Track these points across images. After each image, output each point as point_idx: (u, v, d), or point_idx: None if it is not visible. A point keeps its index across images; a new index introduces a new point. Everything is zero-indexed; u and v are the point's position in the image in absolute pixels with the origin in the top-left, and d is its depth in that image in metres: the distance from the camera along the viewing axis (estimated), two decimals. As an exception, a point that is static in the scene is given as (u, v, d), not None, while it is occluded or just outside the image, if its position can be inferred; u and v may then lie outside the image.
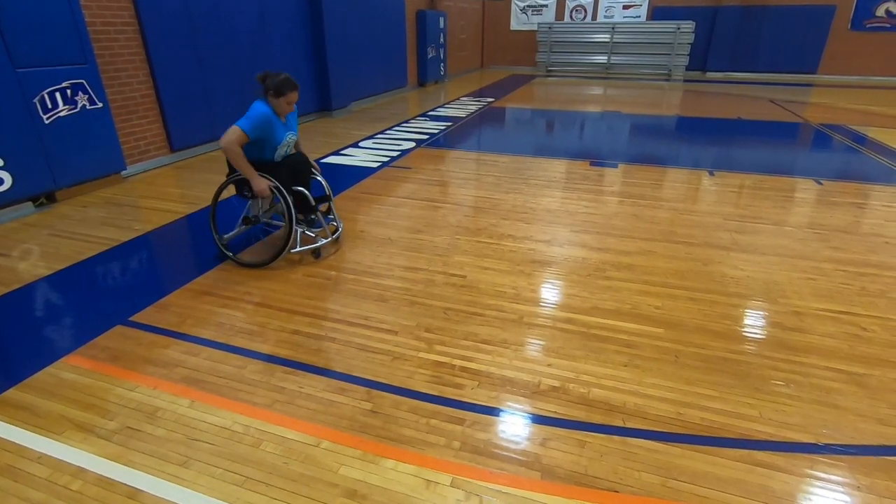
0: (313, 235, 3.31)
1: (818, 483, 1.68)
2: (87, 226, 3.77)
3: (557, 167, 5.51)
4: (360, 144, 6.35)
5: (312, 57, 7.55)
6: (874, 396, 2.07)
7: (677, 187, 4.90)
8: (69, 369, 2.21)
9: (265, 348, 2.36)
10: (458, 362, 2.27)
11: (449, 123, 7.87)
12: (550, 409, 2.00)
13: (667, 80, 14.08)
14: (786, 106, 9.77)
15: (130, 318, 2.60)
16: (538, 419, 1.95)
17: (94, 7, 4.45)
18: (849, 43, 13.52)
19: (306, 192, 3.18)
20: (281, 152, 3.17)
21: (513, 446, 1.81)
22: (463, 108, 9.29)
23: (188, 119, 5.49)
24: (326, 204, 3.43)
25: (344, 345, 2.39)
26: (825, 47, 13.69)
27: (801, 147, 6.98)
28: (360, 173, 5.15)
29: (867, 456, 1.78)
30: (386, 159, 5.68)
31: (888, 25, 13.13)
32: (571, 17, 15.58)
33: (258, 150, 3.06)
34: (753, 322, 2.62)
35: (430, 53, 11.78)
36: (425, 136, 6.89)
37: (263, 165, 3.06)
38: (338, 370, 2.21)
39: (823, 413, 1.98)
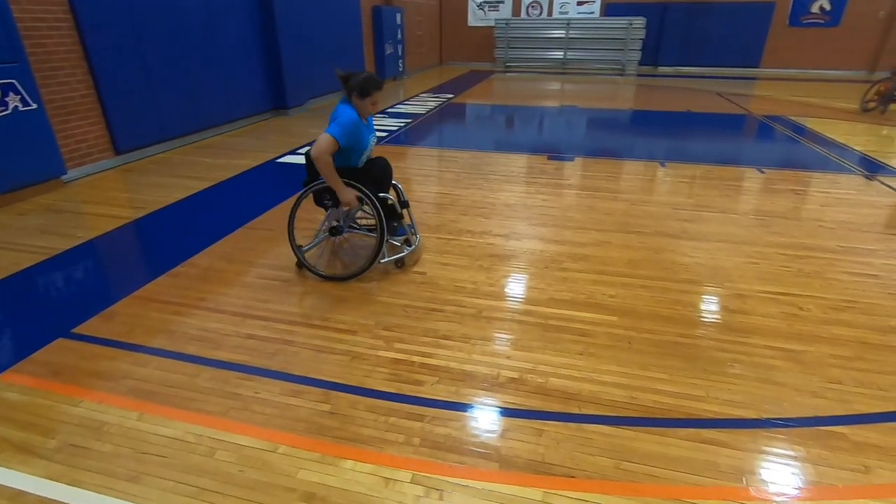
0: (399, 244, 3.18)
1: (760, 456, 1.77)
2: (25, 235, 3.56)
3: (516, 162, 5.58)
4: (318, 143, 6.23)
5: (265, 54, 7.35)
6: (809, 371, 2.20)
7: (631, 179, 5.05)
8: (6, 387, 2.09)
9: (219, 355, 2.30)
10: (417, 359, 2.27)
11: (408, 120, 7.83)
12: (509, 400, 2.03)
13: (621, 74, 14.46)
14: (731, 98, 10.20)
15: (73, 331, 2.47)
16: (497, 411, 1.98)
17: (22, 2, 4.18)
18: (787, 38, 14.24)
19: (393, 199, 3.03)
20: (364, 157, 2.96)
21: (472, 439, 1.83)
22: (422, 105, 9.27)
23: (133, 120, 5.25)
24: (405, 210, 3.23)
25: (301, 347, 2.35)
26: (766, 42, 14.37)
27: (745, 138, 7.32)
28: (317, 172, 5.06)
29: (803, 427, 1.89)
30: (344, 157, 5.60)
31: (822, 21, 13.90)
32: (528, 13, 15.76)
33: (344, 158, 2.82)
34: (701, 306, 2.74)
35: (388, 50, 11.68)
36: (384, 134, 6.83)
37: (347, 172, 2.82)
38: (295, 373, 2.17)
39: (764, 390, 2.09)
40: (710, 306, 2.74)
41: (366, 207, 2.92)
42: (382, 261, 2.97)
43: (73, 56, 4.63)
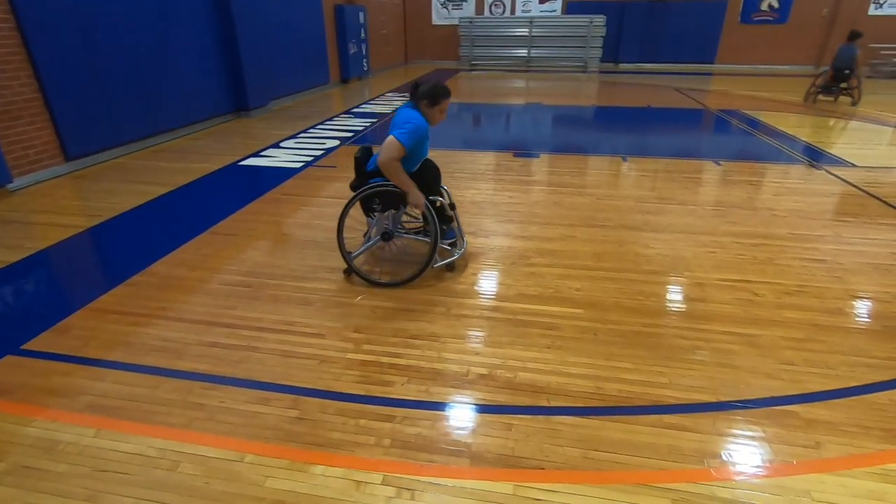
0: (448, 247, 3.10)
1: (720, 438, 1.83)
2: (-33, 247, 3.36)
3: (482, 159, 5.61)
4: (282, 145, 6.12)
5: (224, 54, 7.16)
6: (764, 354, 2.30)
7: (595, 174, 5.15)
8: (-52, 410, 1.97)
9: (181, 365, 2.23)
10: (386, 359, 2.26)
11: (374, 120, 7.77)
12: (479, 396, 2.04)
13: (583, 71, 14.73)
14: (689, 94, 10.54)
15: (23, 347, 2.35)
16: (467, 408, 1.99)
17: (-44, 1, 3.95)
18: (740, 35, 14.80)
19: (444, 201, 2.96)
20: (419, 163, 2.91)
21: (443, 437, 1.84)
22: (388, 104, 9.21)
23: (84, 123, 5.03)
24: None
25: (267, 353, 2.30)
26: (720, 39, 14.90)
27: (703, 132, 7.57)
28: (281, 174, 4.97)
29: (759, 408, 1.97)
30: (309, 159, 5.52)
31: (771, 18, 14.50)
32: (491, 11, 15.86)
33: (402, 162, 2.74)
34: (663, 296, 2.82)
35: (352, 49, 11.55)
36: (350, 134, 6.76)
37: None
38: (261, 380, 2.13)
39: (723, 374, 2.17)
40: (671, 295, 2.83)
41: (414, 211, 2.87)
42: (435, 265, 2.92)
43: (15, 58, 4.40)
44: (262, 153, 5.74)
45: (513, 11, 15.72)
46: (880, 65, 13.52)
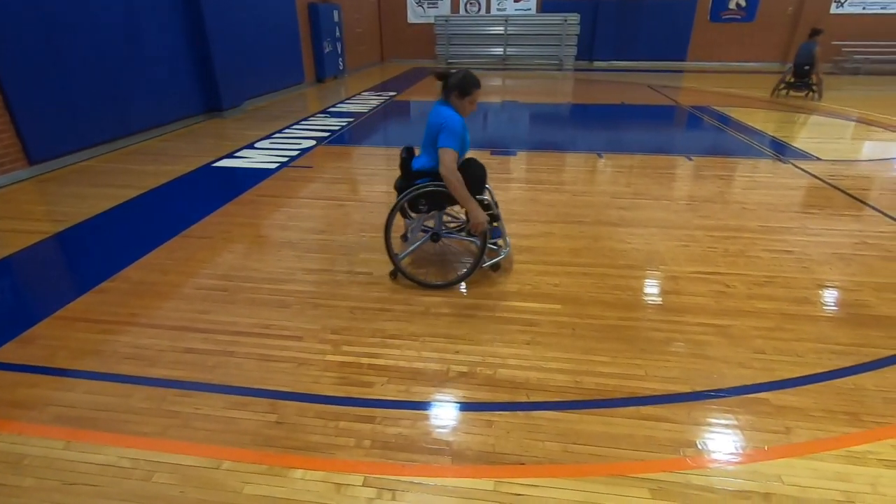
0: (496, 247, 3.04)
1: (695, 427, 1.88)
2: (-77, 257, 3.22)
3: (460, 158, 5.61)
4: (256, 145, 6.02)
5: (195, 53, 7.00)
6: (736, 344, 2.36)
7: (571, 171, 5.21)
8: None
9: (154, 372, 2.17)
10: (366, 360, 2.24)
11: (350, 119, 7.71)
12: (459, 394, 2.05)
13: (559, 69, 14.87)
14: (661, 91, 10.74)
15: (-15, 358, 2.27)
16: (448, 406, 1.99)
17: None
18: (710, 33, 15.14)
19: (490, 201, 2.90)
20: (462, 159, 2.80)
21: (424, 436, 1.83)
22: (364, 103, 9.15)
23: (48, 126, 4.86)
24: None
25: (244, 358, 2.26)
26: (691, 37, 15.22)
27: (675, 128, 7.72)
28: (256, 175, 4.89)
29: (731, 396, 2.02)
30: (285, 159, 5.44)
31: (739, 17, 14.87)
32: (466, 9, 15.88)
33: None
34: (639, 290, 2.87)
35: (327, 48, 11.43)
36: (326, 134, 6.69)
37: (438, 174, 2.68)
38: (238, 385, 2.09)
39: (697, 364, 2.22)
40: (646, 289, 2.88)
41: (456, 208, 2.82)
42: (485, 265, 2.88)
43: (-29, 58, 4.22)
44: (237, 154, 5.64)
45: (488, 10, 15.77)
46: (842, 61, 14.00)
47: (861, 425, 1.88)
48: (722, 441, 1.82)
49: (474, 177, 2.82)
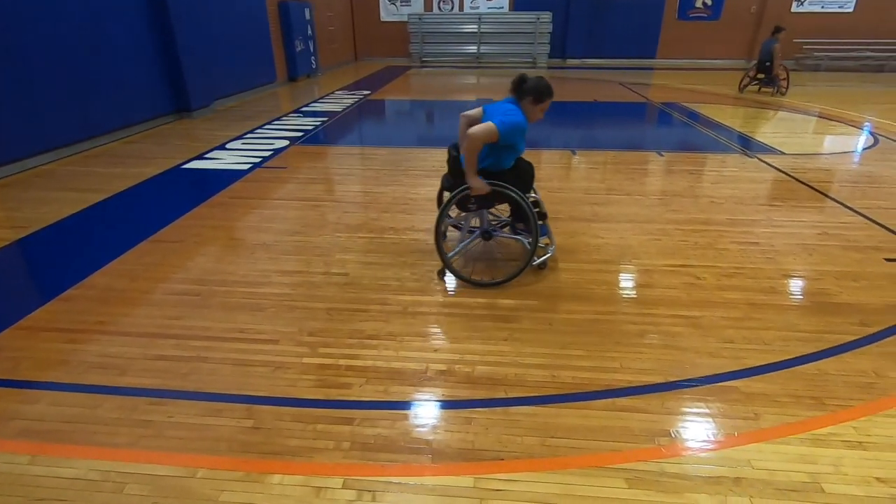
0: (543, 245, 3.00)
1: (668, 416, 1.92)
2: None
3: (436, 156, 5.61)
4: (228, 146, 5.90)
5: (161, 52, 6.81)
6: (707, 334, 2.42)
7: (546, 167, 5.26)
8: None
9: (124, 381, 2.11)
10: (344, 362, 2.23)
11: (324, 119, 7.62)
12: (438, 393, 2.05)
13: (532, 67, 14.99)
14: (632, 88, 10.93)
15: (-57, 373, 2.17)
16: (427, 405, 1.99)
17: None
18: (678, 30, 15.48)
19: (540, 199, 2.89)
20: (514, 160, 2.82)
21: (403, 436, 1.83)
22: (338, 102, 9.05)
23: (6, 128, 4.66)
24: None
25: (218, 363, 2.22)
26: (660, 35, 15.53)
27: (646, 124, 7.88)
28: (228, 177, 4.79)
29: (703, 385, 2.08)
30: (257, 160, 5.34)
31: (705, 15, 15.25)
32: (439, 7, 15.86)
33: (497, 158, 2.69)
34: (613, 284, 2.92)
35: (299, 46, 11.26)
36: (299, 133, 6.60)
37: (496, 174, 2.71)
38: (213, 391, 2.05)
39: (670, 355, 2.28)
40: (620, 283, 2.94)
41: (500, 207, 2.85)
42: (535, 262, 2.90)
43: (-80, 58, 4.02)
44: (207, 155, 5.51)
45: (461, 8, 15.78)
46: (803, 58, 14.51)
47: (824, 409, 1.95)
48: (694, 429, 1.87)
49: (525, 175, 2.89)
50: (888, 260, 3.17)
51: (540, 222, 2.83)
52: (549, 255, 3.05)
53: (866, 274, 2.99)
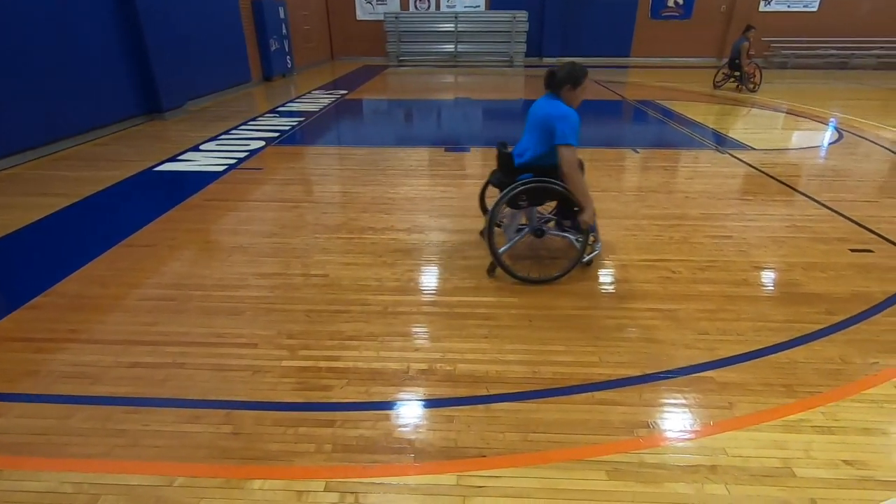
0: (590, 243, 2.97)
1: (646, 408, 1.96)
2: None
3: (414, 155, 5.61)
4: (201, 147, 5.79)
5: (130, 52, 6.63)
6: (682, 327, 2.48)
7: (524, 165, 5.29)
8: None
9: (97, 390, 2.06)
10: (324, 364, 2.21)
11: (301, 119, 7.54)
12: (420, 392, 2.05)
13: (509, 66, 15.08)
14: (608, 86, 11.08)
15: None
16: (409, 404, 1.99)
17: None
18: (651, 30, 15.75)
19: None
20: None
21: (385, 436, 1.83)
22: (315, 102, 8.96)
23: (-34, 132, 4.49)
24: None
25: (195, 369, 2.18)
26: (634, 33, 15.78)
27: (622, 122, 8.00)
28: (202, 179, 4.69)
29: (679, 377, 2.13)
30: (233, 161, 5.25)
31: (677, 14, 15.55)
32: (416, 6, 15.82)
33: (549, 153, 2.65)
34: (591, 279, 2.96)
35: (273, 46, 11.11)
36: (276, 134, 6.51)
37: (550, 170, 2.68)
38: (190, 397, 2.01)
39: (647, 348, 2.32)
40: (598, 278, 2.98)
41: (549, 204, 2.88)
42: (585, 259, 2.92)
43: None
44: (180, 157, 5.40)
45: (437, 7, 15.76)
46: (771, 56, 14.91)
47: (794, 396, 2.02)
48: (671, 419, 1.91)
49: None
50: (853, 250, 3.28)
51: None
52: (596, 252, 3.07)
53: (832, 264, 3.10)
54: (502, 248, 2.92)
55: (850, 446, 1.78)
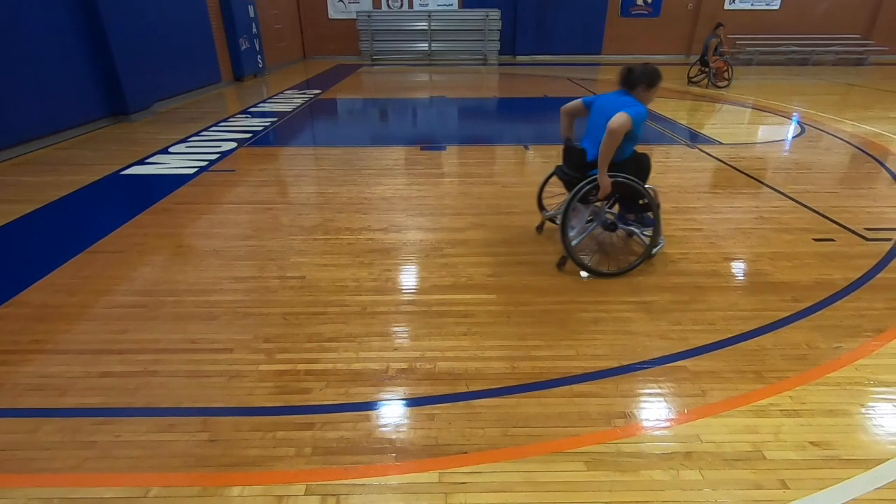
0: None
1: (622, 399, 2.00)
2: None
3: (389, 155, 5.58)
4: (171, 150, 5.65)
5: (92, 52, 6.41)
6: (657, 318, 2.53)
7: (500, 163, 5.33)
8: None
9: (66, 402, 1.99)
10: (302, 366, 2.18)
11: (274, 119, 7.42)
12: (400, 391, 2.05)
13: (483, 64, 15.14)
14: (581, 83, 11.23)
15: None
16: (389, 404, 1.98)
17: None
18: (621, 27, 16.02)
19: (656, 190, 2.95)
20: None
21: (366, 437, 1.82)
22: (288, 102, 8.83)
23: (-83, 137, 4.28)
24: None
25: (169, 376, 2.13)
26: (605, 31, 16.02)
27: (595, 118, 8.10)
28: (173, 182, 4.58)
29: (654, 367, 2.17)
30: (204, 163, 5.14)
31: (646, 12, 15.85)
32: (388, 5, 15.74)
33: (618, 148, 2.72)
34: (567, 273, 2.99)
35: (244, 45, 10.90)
36: (248, 135, 6.40)
37: (615, 164, 2.77)
38: (164, 406, 1.97)
39: (623, 340, 2.36)
40: (574, 273, 3.02)
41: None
42: (654, 251, 2.98)
43: None
44: (149, 160, 5.25)
45: (410, 5, 15.71)
46: (737, 53, 15.33)
47: (764, 381, 2.08)
48: (647, 409, 1.95)
49: (644, 165, 3.03)
50: (816, 240, 3.41)
51: (650, 214, 2.99)
52: (661, 245, 3.13)
53: (797, 254, 3.21)
54: (574, 242, 2.96)
55: (817, 428, 1.85)
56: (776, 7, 15.65)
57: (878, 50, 15.25)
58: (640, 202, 2.95)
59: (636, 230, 3.14)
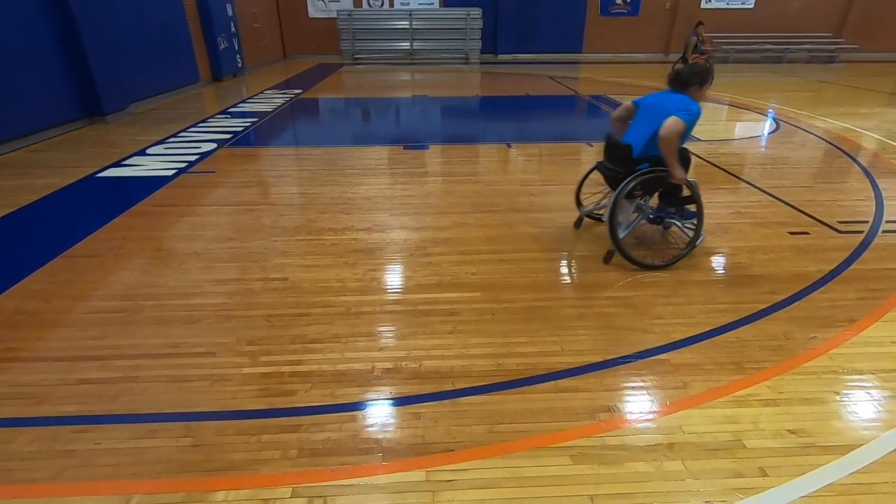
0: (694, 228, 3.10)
1: (607, 393, 2.02)
2: None
3: (372, 154, 5.56)
4: (148, 151, 5.54)
5: (65, 52, 6.25)
6: (640, 313, 2.57)
7: (483, 161, 5.35)
8: None
9: (43, 410, 1.94)
10: (287, 368, 2.16)
11: (254, 119, 7.33)
12: (386, 391, 2.04)
13: (465, 63, 15.16)
14: (562, 81, 11.32)
15: None
16: (375, 404, 1.98)
17: None
18: (601, 26, 16.18)
19: (697, 184, 3.01)
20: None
21: (352, 438, 1.81)
22: (268, 102, 8.73)
23: None
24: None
25: (150, 382, 2.09)
26: (585, 30, 16.17)
27: (577, 116, 8.19)
28: (151, 184, 4.49)
29: (637, 361, 2.21)
30: (183, 165, 5.05)
31: (625, 11, 16.04)
32: (369, 3, 15.65)
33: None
34: (551, 271, 3.02)
35: (222, 44, 10.74)
36: (228, 136, 6.31)
37: (659, 159, 2.84)
38: (145, 412, 1.93)
39: (607, 335, 2.39)
40: (557, 270, 3.05)
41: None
42: (697, 242, 3.07)
43: None
44: (125, 162, 5.15)
45: (391, 4, 15.65)
46: (713, 51, 15.59)
47: (743, 372, 2.13)
48: (631, 402, 1.98)
49: (685, 161, 3.06)
50: (791, 233, 3.49)
51: (691, 207, 3.09)
52: (702, 237, 3.17)
53: (774, 247, 3.28)
54: (621, 235, 2.98)
55: (794, 416, 1.90)
56: (751, 6, 15.97)
57: (849, 48, 15.67)
58: (682, 195, 3.06)
59: (678, 223, 3.19)
